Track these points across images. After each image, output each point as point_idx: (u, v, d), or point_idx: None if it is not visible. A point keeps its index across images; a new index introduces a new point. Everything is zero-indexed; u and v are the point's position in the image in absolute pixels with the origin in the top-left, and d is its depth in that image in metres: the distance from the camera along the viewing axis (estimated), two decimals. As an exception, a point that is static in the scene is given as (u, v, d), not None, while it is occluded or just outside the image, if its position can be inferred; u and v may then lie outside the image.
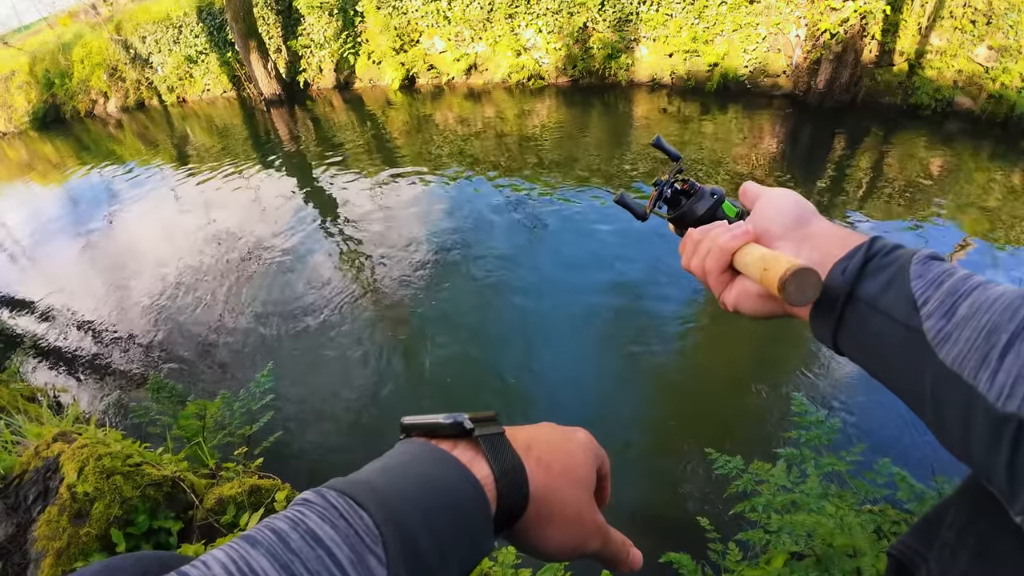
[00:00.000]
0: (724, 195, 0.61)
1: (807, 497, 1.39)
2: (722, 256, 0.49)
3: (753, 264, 0.45)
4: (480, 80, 9.58)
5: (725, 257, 0.49)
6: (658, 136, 0.68)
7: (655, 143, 0.68)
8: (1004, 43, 5.72)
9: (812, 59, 6.56)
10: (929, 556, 0.43)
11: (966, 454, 0.34)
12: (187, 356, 3.94)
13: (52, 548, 1.27)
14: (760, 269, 0.44)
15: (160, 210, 6.98)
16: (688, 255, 0.54)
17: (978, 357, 0.32)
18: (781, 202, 0.50)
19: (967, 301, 0.34)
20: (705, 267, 0.51)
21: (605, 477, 0.42)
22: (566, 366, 3.29)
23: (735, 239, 0.48)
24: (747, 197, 0.54)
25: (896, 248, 0.41)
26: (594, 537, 0.38)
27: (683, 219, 0.63)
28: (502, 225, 4.92)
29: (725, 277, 0.50)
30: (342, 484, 0.29)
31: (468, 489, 0.32)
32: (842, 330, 0.42)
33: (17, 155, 12.66)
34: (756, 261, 0.45)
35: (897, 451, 2.41)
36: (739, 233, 0.49)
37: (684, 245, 0.56)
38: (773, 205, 0.50)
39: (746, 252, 0.47)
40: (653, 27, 7.90)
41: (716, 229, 0.51)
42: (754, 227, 0.49)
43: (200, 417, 2.23)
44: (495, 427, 0.37)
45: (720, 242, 0.49)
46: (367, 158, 7.32)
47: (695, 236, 0.54)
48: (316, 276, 4.58)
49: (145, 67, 13.13)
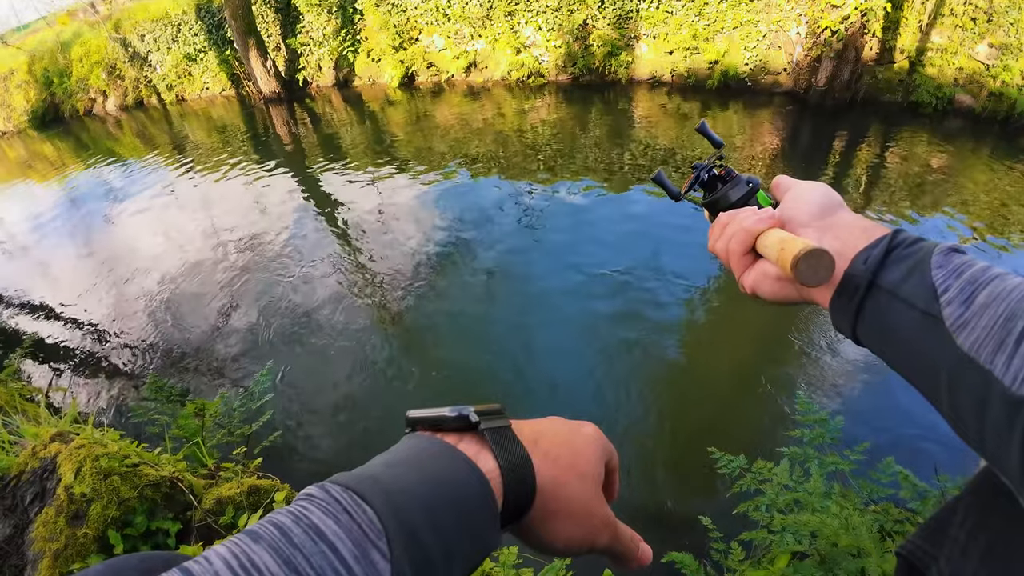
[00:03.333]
0: (760, 184, 0.61)
1: (810, 496, 1.39)
2: (746, 238, 0.51)
3: (772, 245, 0.47)
4: (480, 78, 9.56)
5: (749, 239, 0.51)
6: (703, 122, 0.70)
7: (699, 128, 0.70)
8: (1005, 41, 5.71)
9: (813, 57, 6.55)
10: (939, 556, 0.43)
11: (981, 443, 0.34)
12: (186, 355, 3.93)
13: (49, 549, 1.26)
14: (778, 249, 0.46)
15: (159, 209, 6.96)
16: (715, 237, 0.56)
17: (995, 343, 0.32)
18: (810, 193, 0.51)
19: (986, 290, 0.35)
20: (729, 248, 0.53)
21: (613, 471, 0.41)
22: (568, 363, 3.29)
23: (760, 222, 0.50)
24: (779, 189, 0.56)
25: (918, 240, 0.41)
26: (603, 532, 0.37)
27: (716, 204, 0.63)
28: (502, 222, 4.91)
29: (747, 259, 0.52)
30: (345, 479, 0.29)
31: (474, 483, 0.31)
32: (862, 318, 0.42)
33: (16, 154, 12.63)
34: (775, 243, 0.47)
35: (900, 450, 2.40)
36: (765, 217, 0.51)
37: (713, 228, 0.58)
38: (802, 195, 0.51)
39: (768, 235, 0.49)
40: (653, 24, 7.89)
41: (743, 212, 0.53)
42: (781, 214, 0.51)
43: (199, 417, 2.22)
44: (501, 420, 0.36)
45: (745, 224, 0.51)
46: (366, 156, 7.31)
47: (723, 219, 0.56)
48: (315, 275, 4.57)
49: (144, 65, 13.10)
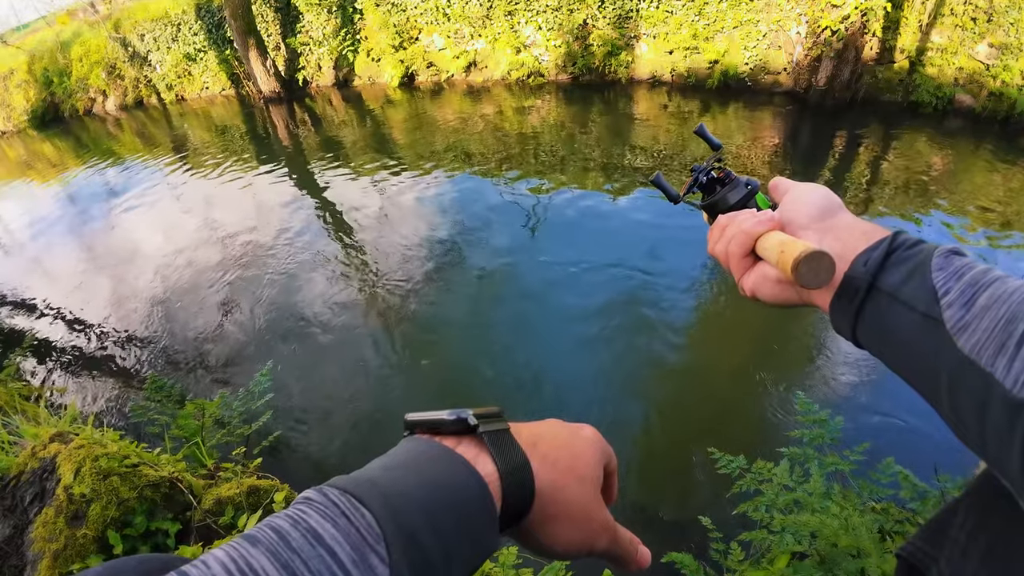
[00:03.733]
0: (759, 187, 0.61)
1: (810, 497, 1.39)
2: (746, 240, 0.50)
3: (772, 248, 0.47)
4: (480, 77, 9.55)
5: (749, 241, 0.50)
6: (701, 124, 0.69)
7: (698, 131, 0.69)
8: (1005, 40, 5.71)
9: (813, 56, 6.54)
10: (940, 557, 0.43)
11: (981, 446, 0.34)
12: (186, 355, 3.93)
13: (49, 550, 1.26)
14: (778, 252, 0.46)
15: (159, 209, 6.96)
16: (714, 240, 0.56)
17: (996, 345, 0.32)
18: (809, 195, 0.51)
19: (987, 292, 0.35)
20: (728, 250, 0.52)
21: (612, 474, 0.41)
22: (567, 364, 3.28)
23: (760, 224, 0.50)
24: (777, 191, 0.56)
25: (919, 242, 0.41)
26: (602, 535, 0.37)
27: (715, 207, 0.63)
28: (502, 222, 4.91)
29: (747, 262, 0.52)
30: (344, 482, 0.29)
31: (473, 487, 0.31)
32: (862, 321, 0.42)
33: (16, 154, 12.63)
34: (775, 245, 0.47)
35: (900, 450, 2.39)
36: (764, 219, 0.50)
37: (712, 231, 0.57)
38: (801, 197, 0.51)
39: (768, 237, 0.49)
40: (653, 24, 7.88)
41: (743, 215, 0.53)
42: (780, 216, 0.51)
43: (199, 417, 2.22)
44: (500, 423, 0.36)
45: (745, 227, 0.51)
46: (366, 156, 7.30)
47: (723, 221, 0.55)
48: (315, 274, 4.57)
49: (144, 65, 13.09)
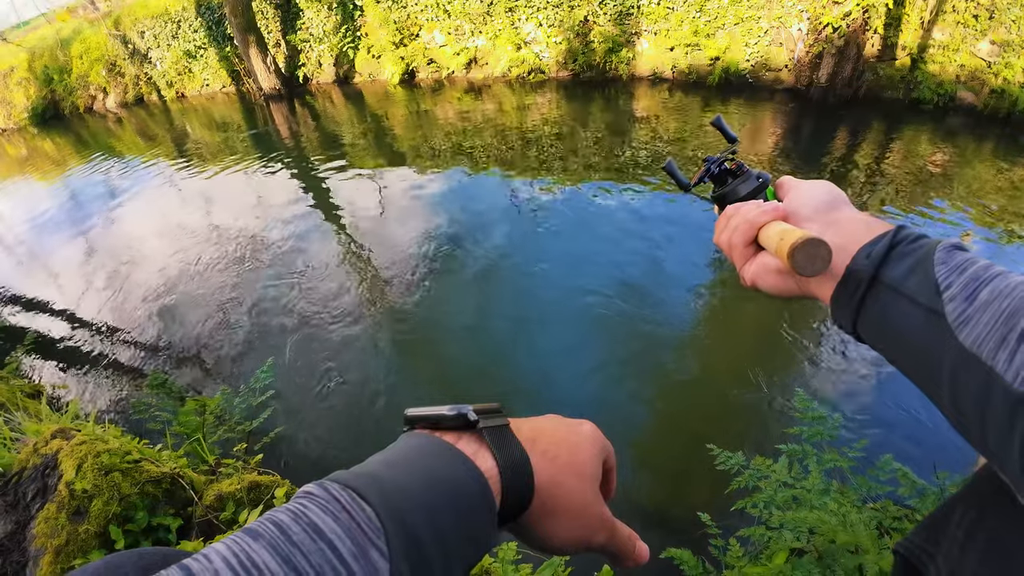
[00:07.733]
0: (770, 180, 0.61)
1: (809, 493, 1.39)
2: (749, 229, 0.51)
3: (772, 236, 0.48)
4: (480, 74, 9.54)
5: (751, 231, 0.51)
6: (718, 116, 0.70)
7: (715, 122, 0.70)
8: (1007, 38, 5.69)
9: (814, 53, 6.53)
10: (937, 554, 0.43)
11: (981, 439, 0.34)
12: (187, 352, 3.93)
13: (51, 545, 1.27)
14: (777, 240, 0.46)
15: (159, 206, 6.96)
16: (720, 229, 0.57)
17: (997, 339, 0.32)
18: (814, 189, 0.52)
19: (988, 287, 0.35)
20: (731, 240, 0.53)
21: (611, 470, 0.42)
22: (566, 360, 3.29)
23: (763, 214, 0.51)
24: (783, 190, 0.57)
25: (921, 236, 0.41)
26: (600, 530, 0.37)
27: (725, 198, 0.63)
28: (502, 219, 4.90)
29: (749, 251, 0.52)
30: (345, 477, 0.29)
31: (472, 482, 0.32)
32: (863, 314, 0.42)
33: (16, 151, 12.63)
34: (775, 234, 0.47)
35: (899, 447, 2.40)
36: (768, 209, 0.51)
37: (719, 221, 0.58)
38: (806, 191, 0.52)
39: (770, 227, 0.49)
40: (654, 21, 7.86)
41: (748, 205, 0.54)
42: (785, 208, 0.51)
43: (200, 413, 2.23)
44: (500, 419, 0.37)
45: (749, 216, 0.52)
46: (367, 153, 7.30)
47: (729, 211, 0.56)
48: (316, 271, 4.57)
49: (144, 62, 13.08)
